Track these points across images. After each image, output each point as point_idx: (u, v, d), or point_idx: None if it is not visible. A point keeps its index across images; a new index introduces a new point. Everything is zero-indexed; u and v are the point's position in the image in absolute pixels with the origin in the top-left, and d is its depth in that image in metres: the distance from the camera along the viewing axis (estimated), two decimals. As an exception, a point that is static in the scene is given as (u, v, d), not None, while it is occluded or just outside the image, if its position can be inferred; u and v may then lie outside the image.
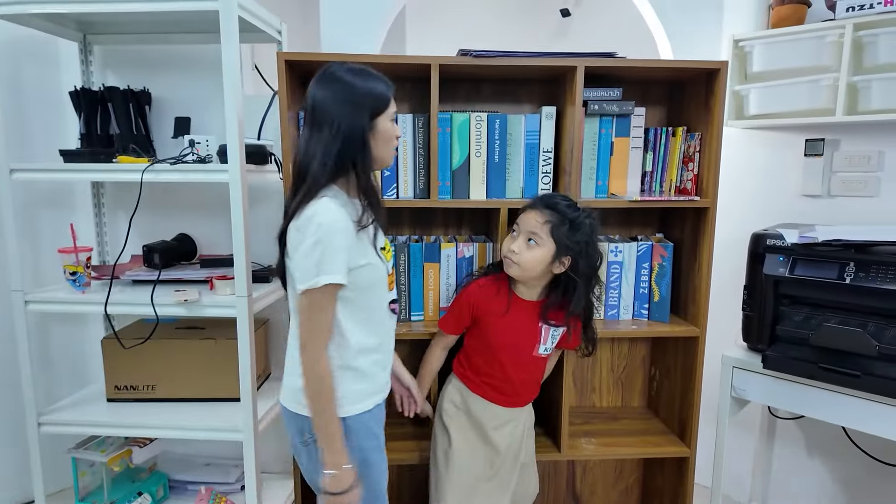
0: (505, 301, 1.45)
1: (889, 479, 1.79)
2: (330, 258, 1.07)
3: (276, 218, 1.98)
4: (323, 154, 1.11)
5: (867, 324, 1.43)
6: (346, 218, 1.10)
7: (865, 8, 1.57)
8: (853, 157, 1.78)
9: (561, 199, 1.39)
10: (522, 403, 1.55)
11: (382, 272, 1.20)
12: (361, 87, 1.13)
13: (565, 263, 1.36)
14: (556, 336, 1.48)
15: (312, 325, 1.11)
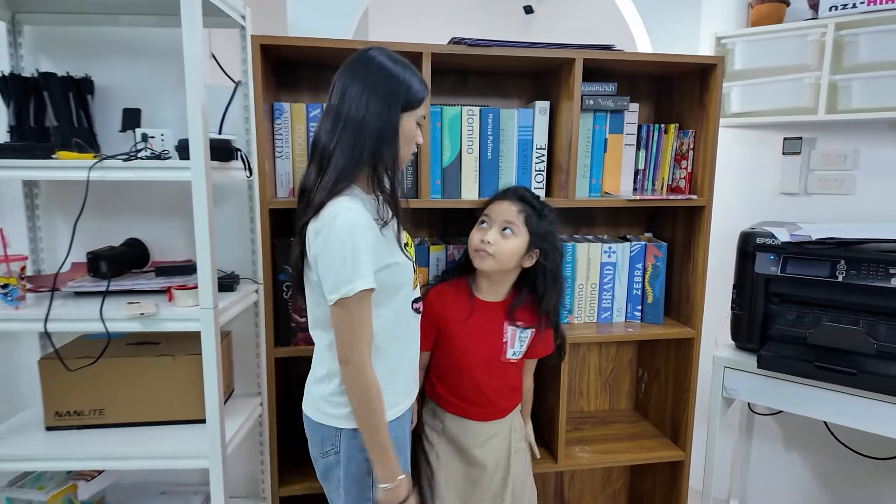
0: (466, 305, 1.37)
1: (865, 470, 1.83)
2: (361, 262, 0.99)
3: (241, 219, 1.84)
4: (353, 146, 1.02)
5: (859, 321, 1.44)
6: (368, 217, 1.03)
7: (848, 7, 1.59)
8: (830, 155, 1.81)
9: (527, 192, 1.37)
10: (502, 413, 1.44)
11: (409, 270, 1.13)
12: (399, 76, 1.04)
13: (534, 256, 1.33)
14: (525, 339, 1.40)
15: (353, 334, 1.03)
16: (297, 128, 1.38)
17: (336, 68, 1.53)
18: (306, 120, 1.38)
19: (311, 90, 1.54)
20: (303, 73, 1.53)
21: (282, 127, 1.38)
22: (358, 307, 1.01)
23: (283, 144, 1.39)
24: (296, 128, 1.38)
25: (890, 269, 1.39)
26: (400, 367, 1.15)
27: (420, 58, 1.32)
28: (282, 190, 1.41)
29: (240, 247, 1.85)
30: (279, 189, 1.41)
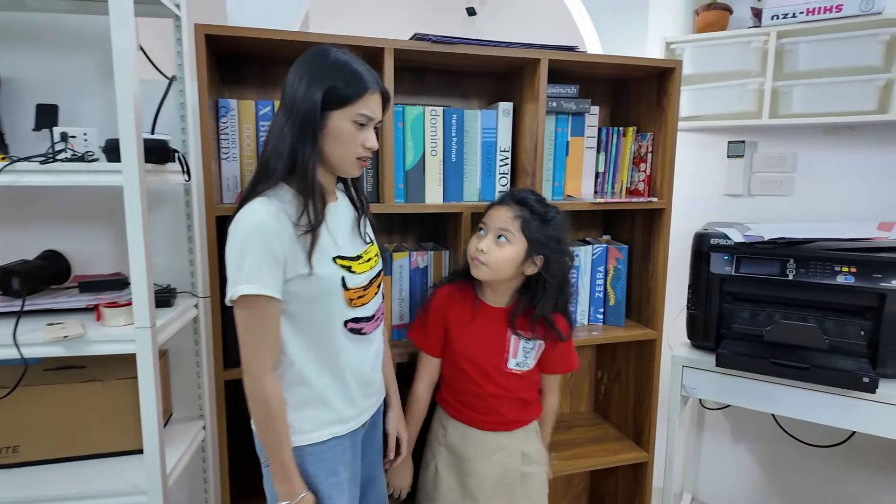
0: (470, 308, 1.31)
1: (810, 458, 1.93)
2: (251, 266, 0.93)
3: (177, 227, 1.68)
4: (276, 144, 0.97)
5: (808, 317, 1.50)
6: (277, 220, 0.95)
7: (789, 17, 1.66)
8: (771, 158, 1.89)
9: (530, 194, 1.27)
10: (509, 426, 1.34)
11: (332, 285, 1.03)
12: (326, 67, 0.96)
13: (537, 263, 1.25)
14: (531, 351, 1.33)
15: (246, 341, 0.98)
16: (246, 126, 1.27)
17: (284, 63, 1.43)
18: (255, 118, 1.27)
19: (258, 87, 1.42)
20: (248, 69, 1.40)
21: (228, 126, 1.26)
22: (249, 313, 0.96)
23: (229, 145, 1.26)
24: (244, 126, 1.26)
25: (835, 267, 1.46)
26: (325, 391, 1.06)
27: (381, 54, 1.24)
28: (228, 195, 1.28)
29: (176, 257, 1.69)
30: (225, 193, 1.28)
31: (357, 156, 1.02)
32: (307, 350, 1.04)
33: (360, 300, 1.08)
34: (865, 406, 1.42)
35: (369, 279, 1.10)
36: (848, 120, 1.67)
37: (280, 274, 0.96)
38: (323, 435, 1.06)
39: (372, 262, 1.12)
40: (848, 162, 1.80)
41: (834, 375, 1.40)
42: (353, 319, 1.07)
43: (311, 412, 1.06)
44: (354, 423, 1.11)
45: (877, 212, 1.75)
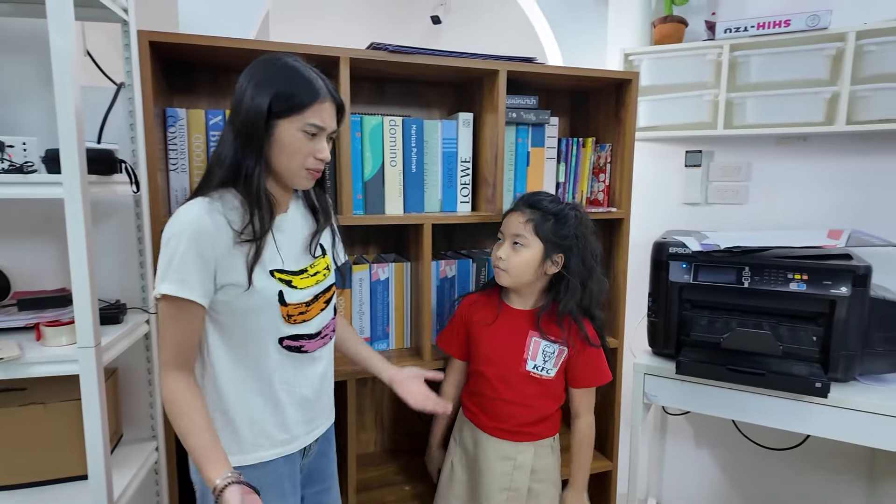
0: (494, 310, 1.34)
1: (766, 461, 1.97)
2: (178, 266, 0.90)
3: (127, 241, 1.61)
4: (220, 151, 0.95)
5: (762, 324, 1.53)
6: (213, 222, 0.91)
7: (741, 31, 1.70)
8: (727, 167, 1.94)
9: (544, 196, 1.29)
10: (523, 437, 1.32)
11: (268, 299, 0.98)
12: (275, 75, 0.93)
13: (558, 262, 1.26)
14: (552, 355, 1.30)
15: (161, 338, 0.96)
16: (196, 136, 1.22)
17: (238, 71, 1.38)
18: (206, 128, 1.22)
19: (209, 95, 1.37)
20: (199, 77, 1.36)
21: (176, 135, 1.21)
22: (168, 312, 0.93)
23: (178, 155, 1.22)
24: (193, 136, 1.22)
25: (788, 275, 1.49)
26: (252, 412, 1.00)
27: (337, 63, 1.22)
28: (176, 207, 1.23)
29: (126, 272, 1.62)
30: (174, 206, 1.23)
31: (306, 167, 0.98)
32: (235, 366, 0.99)
33: (301, 316, 1.03)
34: (818, 410, 1.46)
35: (314, 294, 1.05)
36: (798, 131, 1.72)
37: (209, 279, 0.92)
38: (247, 459, 1.00)
39: (319, 276, 1.07)
40: (799, 171, 1.85)
41: (788, 381, 1.43)
42: (290, 336, 1.02)
43: (231, 433, 0.99)
44: (290, 448, 1.05)
45: (827, 219, 1.81)
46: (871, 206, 1.76)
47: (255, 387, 1.00)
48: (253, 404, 1.00)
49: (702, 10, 1.92)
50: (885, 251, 1.66)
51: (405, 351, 1.49)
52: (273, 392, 1.02)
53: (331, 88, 0.98)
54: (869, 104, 1.61)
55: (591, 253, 1.28)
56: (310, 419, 1.09)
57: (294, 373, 1.04)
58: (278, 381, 1.02)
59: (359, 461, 1.60)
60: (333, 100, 0.98)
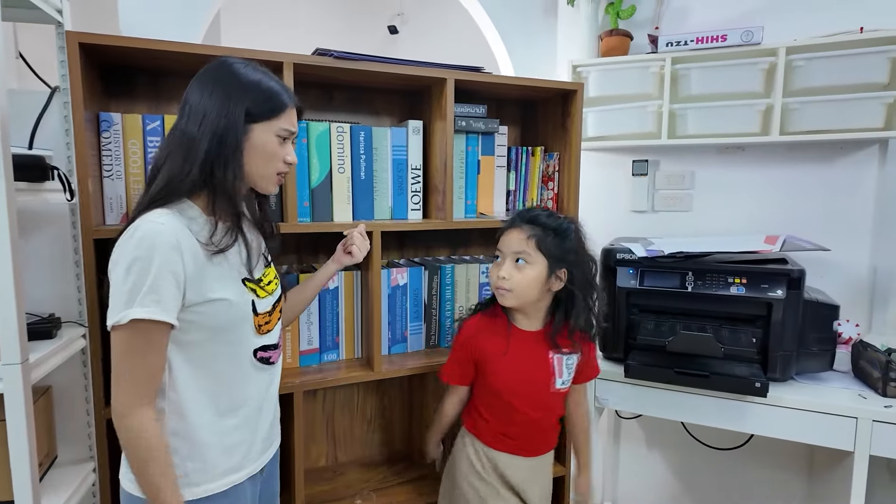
0: (504, 337, 1.27)
1: (716, 461, 2.03)
2: (150, 286, 0.82)
3: (63, 251, 1.54)
4: (185, 157, 0.88)
5: (706, 327, 1.58)
6: (182, 235, 0.86)
7: (681, 44, 1.77)
8: (671, 176, 2.00)
9: (540, 211, 1.27)
10: (545, 450, 1.37)
11: (244, 310, 0.95)
12: (246, 80, 0.91)
13: (562, 277, 1.23)
14: (572, 366, 1.31)
15: (123, 371, 0.85)
16: (132, 142, 1.18)
17: (179, 75, 1.35)
18: (143, 133, 1.18)
19: (150, 100, 1.33)
20: (139, 81, 1.32)
21: (111, 141, 1.16)
22: (135, 340, 0.84)
23: (112, 162, 1.17)
24: (129, 142, 1.18)
25: (728, 279, 1.55)
26: (229, 431, 0.96)
27: (280, 68, 1.20)
28: (112, 216, 1.19)
29: (62, 284, 1.55)
30: (108, 214, 1.19)
31: (277, 171, 0.98)
32: (206, 387, 0.93)
33: (267, 326, 1.01)
34: (759, 410, 1.51)
35: (272, 303, 1.03)
36: (736, 141, 1.80)
37: (180, 299, 0.86)
38: (217, 486, 0.95)
39: (273, 284, 1.05)
40: (739, 179, 1.93)
41: (730, 382, 1.48)
42: (261, 348, 1.00)
43: (199, 462, 0.93)
44: (256, 466, 1.03)
45: (765, 225, 1.89)
46: (804, 211, 1.85)
47: (228, 407, 0.96)
48: (226, 426, 0.95)
49: (646, 24, 1.99)
50: (817, 255, 1.74)
51: (356, 361, 1.47)
52: (246, 409, 0.98)
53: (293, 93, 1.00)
54: (799, 116, 1.69)
55: (592, 266, 1.28)
56: (270, 435, 1.06)
57: (264, 386, 1.02)
58: (251, 397, 0.99)
59: (309, 476, 1.56)
60: (295, 104, 0.99)
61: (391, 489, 1.55)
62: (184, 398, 0.91)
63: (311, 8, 3.70)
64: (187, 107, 0.91)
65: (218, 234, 0.90)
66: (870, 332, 1.78)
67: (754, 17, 1.83)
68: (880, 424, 1.39)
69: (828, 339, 1.56)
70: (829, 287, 1.73)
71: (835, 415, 1.43)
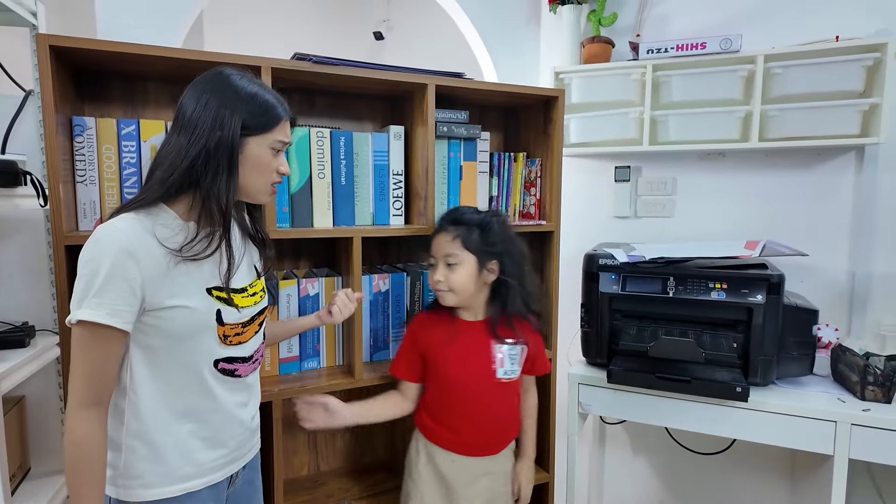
0: (448, 326, 1.33)
1: (700, 466, 2.03)
2: (96, 290, 0.83)
3: (36, 258, 1.51)
4: (171, 162, 0.88)
5: (688, 332, 1.58)
6: (141, 243, 0.86)
7: (661, 52, 1.79)
8: (653, 182, 2.02)
9: (465, 209, 1.33)
10: (495, 448, 1.36)
11: (205, 318, 0.94)
12: (243, 92, 0.92)
13: (494, 269, 1.29)
14: (516, 356, 1.34)
15: (74, 369, 0.86)
16: (106, 147, 1.16)
17: (156, 80, 1.33)
18: (117, 138, 1.16)
19: (125, 105, 1.31)
20: (115, 86, 1.29)
21: (84, 146, 1.14)
22: (86, 341, 0.85)
23: (86, 167, 1.15)
24: (103, 147, 1.15)
25: (709, 284, 1.55)
26: (182, 439, 0.95)
27: (259, 72, 1.19)
28: (85, 221, 1.16)
29: (35, 291, 1.52)
30: (81, 220, 1.16)
31: (271, 182, 0.99)
32: (162, 391, 0.93)
33: (237, 338, 0.99)
34: (741, 414, 1.51)
35: (251, 315, 1.02)
36: (716, 147, 1.82)
37: (135, 304, 0.86)
38: (171, 491, 0.94)
39: (257, 296, 1.04)
40: (720, 185, 1.95)
41: (711, 386, 1.48)
42: (226, 359, 0.98)
43: (161, 465, 0.93)
44: (219, 475, 1.00)
45: (746, 230, 1.91)
46: (784, 217, 1.87)
47: (184, 412, 0.95)
48: (181, 431, 0.95)
49: (627, 31, 2.01)
50: (798, 260, 1.76)
51: (337, 368, 1.45)
52: (204, 418, 0.97)
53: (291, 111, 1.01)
54: (777, 122, 1.71)
55: (520, 253, 1.33)
56: (239, 445, 1.04)
57: (226, 397, 0.99)
58: (210, 406, 0.97)
59: (289, 486, 1.54)
60: (289, 116, 1.00)
61: (373, 498, 1.53)
62: (142, 399, 0.91)
63: (297, 14, 3.69)
64: (181, 115, 0.92)
65: (194, 241, 0.90)
66: (849, 337, 1.80)
67: (733, 25, 1.86)
68: (859, 428, 1.40)
69: (807, 343, 1.57)
70: (809, 292, 1.75)
71: (814, 419, 1.44)
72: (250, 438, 1.08)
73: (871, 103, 1.61)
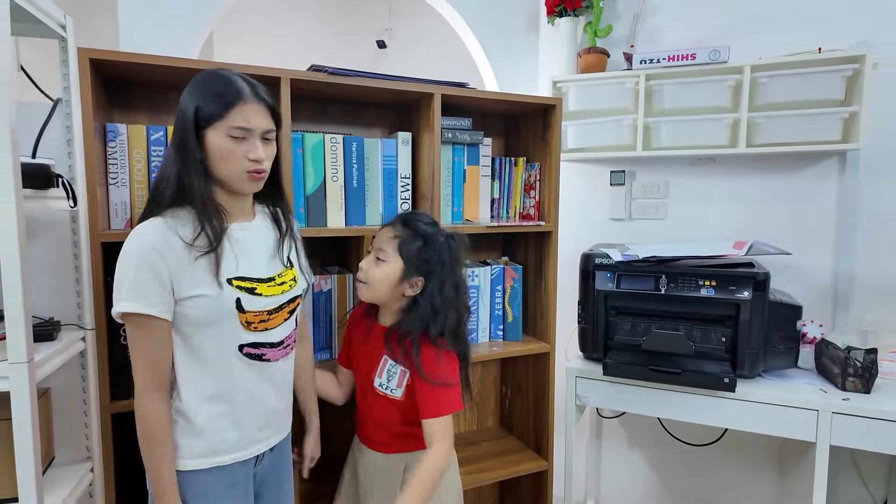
0: (366, 326, 1.34)
1: (692, 457, 2.12)
2: (132, 284, 0.95)
3: (62, 257, 1.59)
4: (164, 169, 1.00)
5: (679, 327, 1.67)
6: (164, 240, 0.96)
7: (654, 62, 1.88)
8: (647, 186, 2.11)
9: (423, 217, 1.28)
10: (385, 447, 1.32)
11: (225, 307, 1.01)
12: (200, 85, 0.99)
13: (417, 285, 1.22)
14: (394, 375, 1.26)
15: (132, 359, 0.99)
16: (136, 151, 1.25)
17: (176, 89, 1.42)
18: (146, 143, 1.25)
19: (149, 111, 1.40)
20: (138, 93, 1.39)
21: (116, 150, 1.23)
22: (133, 331, 0.98)
23: (118, 170, 1.24)
24: (134, 151, 1.24)
25: (699, 281, 1.64)
26: (213, 417, 1.04)
27: (278, 83, 1.28)
28: (117, 221, 1.25)
29: (61, 288, 1.59)
30: (114, 220, 1.25)
31: (245, 169, 0.99)
32: (197, 374, 1.02)
33: (262, 324, 1.05)
34: (729, 404, 1.60)
35: (279, 304, 1.07)
36: (707, 152, 1.91)
37: (166, 295, 0.96)
38: (203, 463, 1.04)
39: (286, 286, 1.09)
40: (710, 188, 2.04)
41: (700, 378, 1.57)
42: (251, 344, 1.05)
43: (194, 440, 1.03)
44: (246, 454, 1.09)
45: (736, 231, 2.00)
46: (772, 219, 1.96)
47: (215, 393, 1.03)
48: (213, 410, 1.03)
49: (622, 42, 2.10)
50: (786, 260, 1.85)
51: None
52: (233, 399, 1.05)
53: (257, 90, 0.99)
54: (764, 129, 1.81)
55: (453, 283, 1.24)
56: (269, 423, 1.11)
57: (254, 380, 1.07)
58: (238, 388, 1.05)
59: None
60: (260, 100, 0.98)
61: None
62: (182, 380, 1.02)
63: (301, 23, 3.79)
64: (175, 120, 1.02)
65: (200, 238, 0.98)
66: (833, 332, 1.88)
67: (722, 37, 1.95)
68: (839, 416, 1.49)
69: (792, 337, 1.66)
70: (796, 290, 1.84)
71: (798, 408, 1.53)
72: (278, 422, 1.14)
73: (850, 111, 1.71)
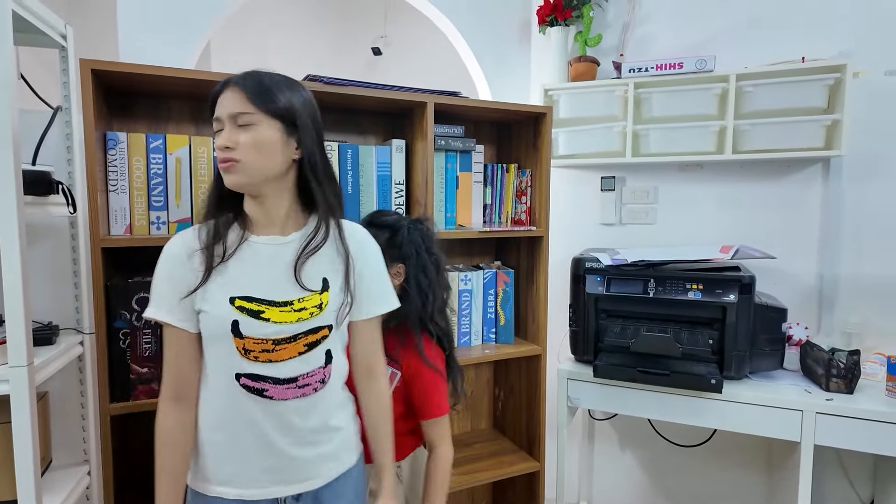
0: None
1: (682, 458, 2.15)
2: (153, 289, 0.96)
3: (61, 262, 1.61)
4: None
5: (667, 329, 1.71)
6: (183, 247, 0.95)
7: (642, 71, 1.93)
8: (637, 191, 2.15)
9: (385, 212, 1.34)
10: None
11: (219, 328, 0.91)
12: None
13: (400, 273, 1.22)
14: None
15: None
16: (136, 159, 1.27)
17: (175, 98, 1.45)
18: (146, 151, 1.28)
19: (148, 120, 1.43)
20: (137, 101, 1.42)
21: (116, 158, 1.26)
22: (163, 336, 0.97)
23: (117, 177, 1.26)
24: (134, 159, 1.27)
25: (687, 285, 1.68)
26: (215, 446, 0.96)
27: (275, 93, 1.31)
28: (116, 227, 1.28)
29: (59, 293, 1.62)
30: (113, 226, 1.28)
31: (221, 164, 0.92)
32: (206, 394, 0.97)
33: (264, 355, 0.91)
34: (716, 405, 1.64)
35: (292, 333, 0.93)
36: (694, 159, 1.95)
37: (186, 302, 0.92)
38: (204, 488, 0.97)
39: (305, 313, 0.93)
40: (698, 194, 2.09)
41: (688, 379, 1.61)
42: (250, 376, 0.92)
43: (197, 458, 0.98)
44: (249, 494, 0.96)
45: (723, 236, 2.04)
46: (758, 224, 2.01)
47: (215, 421, 0.96)
48: (213, 437, 0.96)
49: (611, 51, 2.15)
50: (772, 264, 1.90)
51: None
52: (233, 431, 0.94)
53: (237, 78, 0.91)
54: (749, 136, 1.85)
55: (434, 263, 1.24)
56: (277, 470, 0.96)
57: (261, 417, 0.93)
58: (239, 420, 0.94)
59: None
60: (234, 85, 0.90)
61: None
62: (199, 399, 0.98)
63: (298, 30, 3.83)
64: None
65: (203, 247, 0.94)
66: (818, 334, 1.93)
67: (708, 46, 2.00)
68: (823, 416, 1.53)
69: (778, 339, 1.70)
70: (782, 293, 1.88)
71: (783, 408, 1.57)
72: (305, 470, 0.98)
73: (833, 119, 1.75)
